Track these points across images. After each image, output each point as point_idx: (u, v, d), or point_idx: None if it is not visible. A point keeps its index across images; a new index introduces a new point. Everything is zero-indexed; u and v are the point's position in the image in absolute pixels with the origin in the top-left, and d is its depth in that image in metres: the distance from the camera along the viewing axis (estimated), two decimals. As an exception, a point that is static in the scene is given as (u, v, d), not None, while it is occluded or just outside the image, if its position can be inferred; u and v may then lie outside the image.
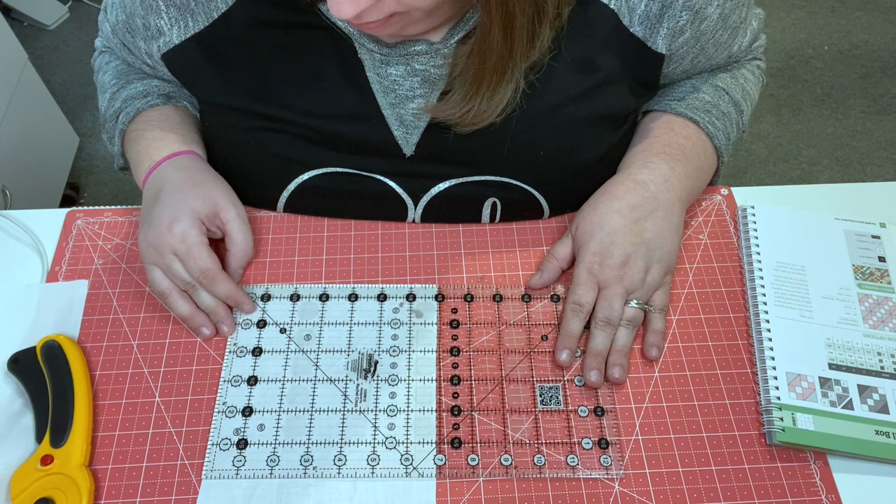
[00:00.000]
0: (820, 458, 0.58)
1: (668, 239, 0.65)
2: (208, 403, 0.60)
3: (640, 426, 0.59)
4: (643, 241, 0.64)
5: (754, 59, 0.79)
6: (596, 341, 0.62)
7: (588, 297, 0.63)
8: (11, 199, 1.37)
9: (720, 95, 0.72)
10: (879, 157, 1.87)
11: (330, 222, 0.71)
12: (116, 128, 0.72)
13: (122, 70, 0.75)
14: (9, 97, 1.48)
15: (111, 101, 0.74)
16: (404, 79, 0.64)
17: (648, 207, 0.65)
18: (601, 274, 0.63)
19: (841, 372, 0.60)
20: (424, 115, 0.65)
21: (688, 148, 0.69)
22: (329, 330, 0.65)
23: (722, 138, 0.71)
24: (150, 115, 0.71)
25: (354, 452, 0.58)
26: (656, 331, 0.63)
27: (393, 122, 0.65)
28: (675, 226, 0.66)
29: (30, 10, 2.17)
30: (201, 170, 0.68)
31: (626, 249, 0.63)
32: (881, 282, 0.66)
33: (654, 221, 0.65)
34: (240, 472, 0.57)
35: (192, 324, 0.64)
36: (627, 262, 0.63)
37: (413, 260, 0.69)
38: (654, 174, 0.66)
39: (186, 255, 0.63)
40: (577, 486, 0.56)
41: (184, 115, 0.73)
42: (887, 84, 2.03)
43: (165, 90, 0.73)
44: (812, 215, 0.70)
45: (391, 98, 0.65)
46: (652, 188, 0.66)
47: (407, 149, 0.66)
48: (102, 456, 0.58)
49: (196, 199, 0.64)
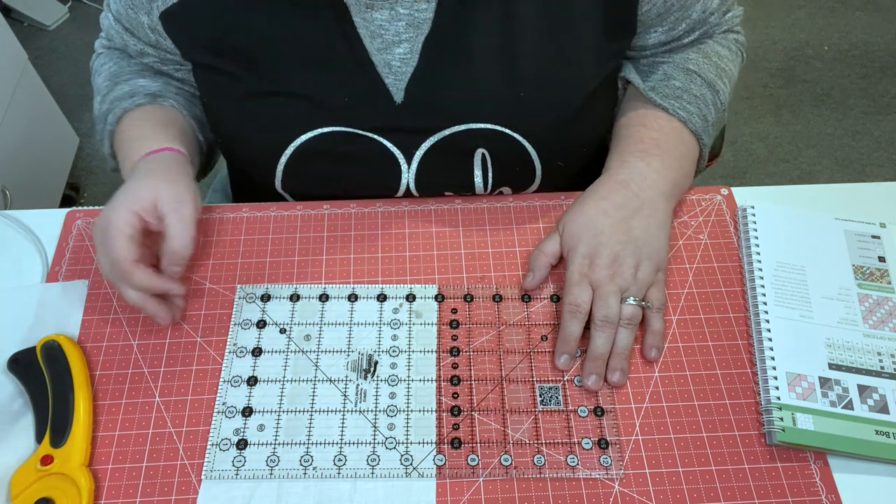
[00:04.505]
0: (820, 458, 0.58)
1: (656, 235, 0.65)
2: (208, 403, 0.61)
3: (640, 426, 0.59)
4: (631, 239, 0.64)
5: (730, 33, 0.79)
6: (596, 343, 0.62)
7: (584, 297, 0.63)
8: (11, 199, 1.37)
9: (691, 79, 0.73)
10: (879, 158, 1.87)
11: (330, 221, 0.71)
12: (105, 129, 0.73)
13: (113, 72, 0.77)
14: (9, 97, 1.48)
15: (101, 104, 0.75)
16: (390, 23, 0.65)
17: (632, 206, 0.66)
18: (593, 274, 0.63)
19: (841, 372, 0.60)
20: (411, 60, 0.66)
21: (662, 140, 0.70)
22: (329, 330, 0.65)
23: (697, 121, 0.71)
24: (134, 115, 0.72)
25: (354, 452, 0.58)
26: (655, 331, 0.63)
27: (382, 68, 0.67)
28: (661, 222, 0.66)
29: (30, 11, 2.18)
30: (168, 164, 0.66)
31: (614, 248, 0.64)
32: (881, 282, 0.66)
33: (640, 219, 0.65)
34: (240, 472, 0.57)
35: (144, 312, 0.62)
36: (617, 261, 0.63)
37: (413, 260, 0.69)
38: (633, 173, 0.67)
39: (103, 244, 0.60)
40: (577, 486, 0.56)
41: (166, 113, 0.73)
42: (887, 84, 2.03)
43: (151, 89, 0.74)
44: (812, 215, 0.70)
45: (378, 43, 0.66)
46: (633, 187, 0.67)
47: (397, 95, 0.67)
48: (102, 456, 0.58)
49: (142, 190, 0.61)
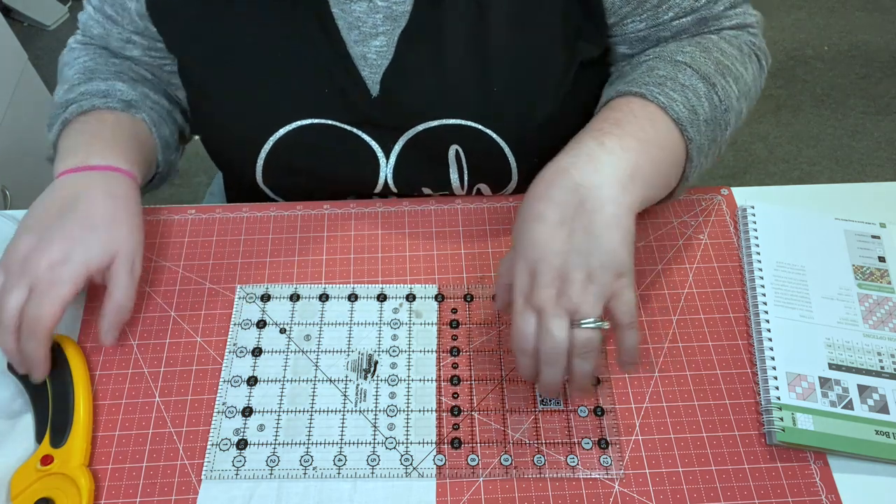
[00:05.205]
0: (820, 458, 0.58)
1: (605, 234, 0.53)
2: (208, 403, 0.60)
3: (640, 426, 0.59)
4: (573, 248, 0.53)
5: (742, 32, 0.70)
6: (544, 381, 0.54)
7: (529, 329, 0.53)
8: (11, 199, 1.37)
9: (680, 69, 0.63)
10: (879, 157, 1.87)
11: (330, 221, 0.71)
12: (60, 116, 0.68)
13: (89, 67, 0.73)
14: (9, 97, 1.48)
15: (67, 92, 0.70)
16: (367, 15, 0.65)
17: (572, 202, 0.54)
18: (536, 298, 0.53)
19: (841, 372, 0.60)
20: (387, 54, 0.66)
21: (625, 119, 0.59)
22: (329, 330, 0.65)
23: (681, 109, 0.60)
24: (106, 116, 0.68)
25: (354, 452, 0.58)
26: (626, 349, 0.54)
27: (358, 60, 0.67)
28: (612, 216, 0.53)
29: (30, 11, 2.18)
30: (126, 203, 0.62)
31: (553, 262, 0.53)
32: (881, 282, 0.66)
33: (582, 217, 0.53)
34: (240, 472, 0.57)
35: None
36: (561, 277, 0.52)
37: (413, 260, 0.69)
38: (578, 156, 0.56)
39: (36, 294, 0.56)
40: (577, 486, 0.56)
41: (138, 129, 0.70)
42: (887, 84, 2.03)
43: (128, 97, 0.70)
44: (812, 215, 0.70)
45: (354, 35, 0.66)
46: (575, 175, 0.55)
47: (373, 89, 0.68)
48: (102, 456, 0.58)
49: (98, 245, 0.59)
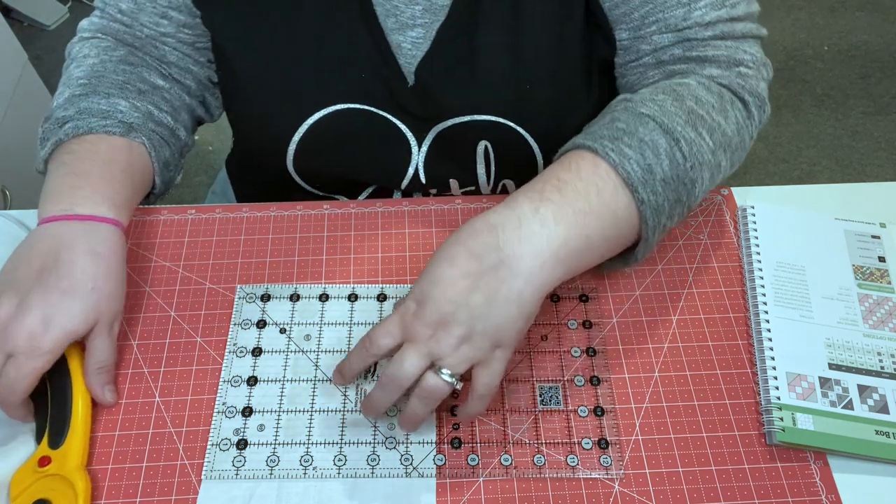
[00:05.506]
0: (820, 458, 0.58)
1: (500, 308, 0.51)
2: (208, 403, 0.60)
3: (640, 426, 0.59)
4: (466, 304, 0.51)
5: (729, 73, 0.65)
6: (371, 398, 0.54)
7: (385, 341, 0.53)
8: (11, 199, 1.37)
9: (642, 122, 0.58)
10: (879, 158, 1.87)
11: (330, 221, 0.71)
12: (56, 134, 0.64)
13: (95, 71, 0.68)
14: (9, 97, 1.48)
15: (66, 103, 0.66)
16: (406, 5, 0.66)
17: (489, 261, 0.52)
18: (411, 326, 0.52)
19: (841, 372, 0.60)
20: (423, 45, 0.67)
21: (568, 184, 0.55)
22: (329, 330, 0.65)
23: (633, 168, 0.56)
24: (101, 146, 0.64)
25: (354, 452, 0.58)
26: (468, 413, 0.55)
27: (395, 48, 0.68)
28: (516, 292, 0.52)
29: (30, 11, 2.17)
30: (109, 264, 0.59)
31: (441, 308, 0.51)
32: (881, 282, 0.66)
33: (489, 281, 0.51)
34: (240, 472, 0.57)
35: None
36: (441, 324, 0.51)
37: (413, 260, 0.69)
38: (510, 217, 0.53)
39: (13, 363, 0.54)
40: (577, 486, 0.56)
41: (134, 158, 0.65)
42: (887, 84, 2.03)
43: (129, 119, 0.66)
44: (812, 215, 0.70)
45: (391, 23, 0.67)
46: (500, 237, 0.52)
47: (409, 77, 0.69)
48: (102, 456, 0.58)
49: (79, 314, 0.56)
